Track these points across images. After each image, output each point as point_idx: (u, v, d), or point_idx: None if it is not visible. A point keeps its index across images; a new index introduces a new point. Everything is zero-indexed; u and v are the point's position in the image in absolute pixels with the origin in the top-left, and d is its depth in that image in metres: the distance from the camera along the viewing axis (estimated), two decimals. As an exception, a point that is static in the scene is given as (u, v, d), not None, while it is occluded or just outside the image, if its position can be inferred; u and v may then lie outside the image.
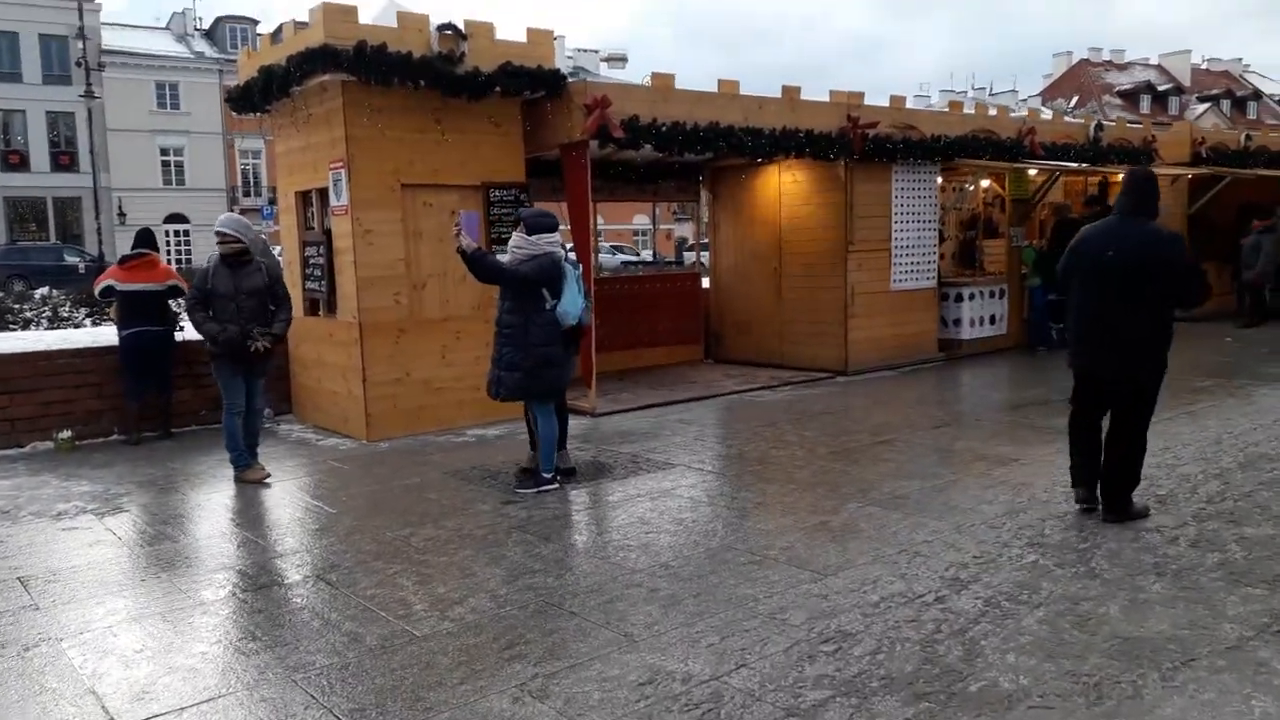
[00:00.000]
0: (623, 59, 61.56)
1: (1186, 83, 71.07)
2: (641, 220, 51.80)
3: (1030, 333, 12.30)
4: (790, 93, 10.21)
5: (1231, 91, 70.71)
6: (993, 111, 12.54)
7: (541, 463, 6.24)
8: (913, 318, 11.34)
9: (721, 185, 12.25)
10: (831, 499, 5.74)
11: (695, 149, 9.29)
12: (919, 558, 4.62)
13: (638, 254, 44.57)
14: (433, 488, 6.38)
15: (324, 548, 5.17)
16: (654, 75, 9.28)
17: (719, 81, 9.74)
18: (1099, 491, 5.13)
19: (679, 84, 9.38)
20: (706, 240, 13.03)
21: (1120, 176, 13.65)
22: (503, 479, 6.52)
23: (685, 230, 54.68)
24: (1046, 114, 14.35)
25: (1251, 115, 68.25)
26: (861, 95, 10.86)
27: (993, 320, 12.17)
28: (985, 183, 12.83)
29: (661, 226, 48.56)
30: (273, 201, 29.14)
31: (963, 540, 4.86)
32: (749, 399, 9.57)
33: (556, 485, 6.21)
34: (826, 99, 10.62)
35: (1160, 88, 68.35)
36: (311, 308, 8.79)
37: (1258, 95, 73.49)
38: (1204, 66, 74.94)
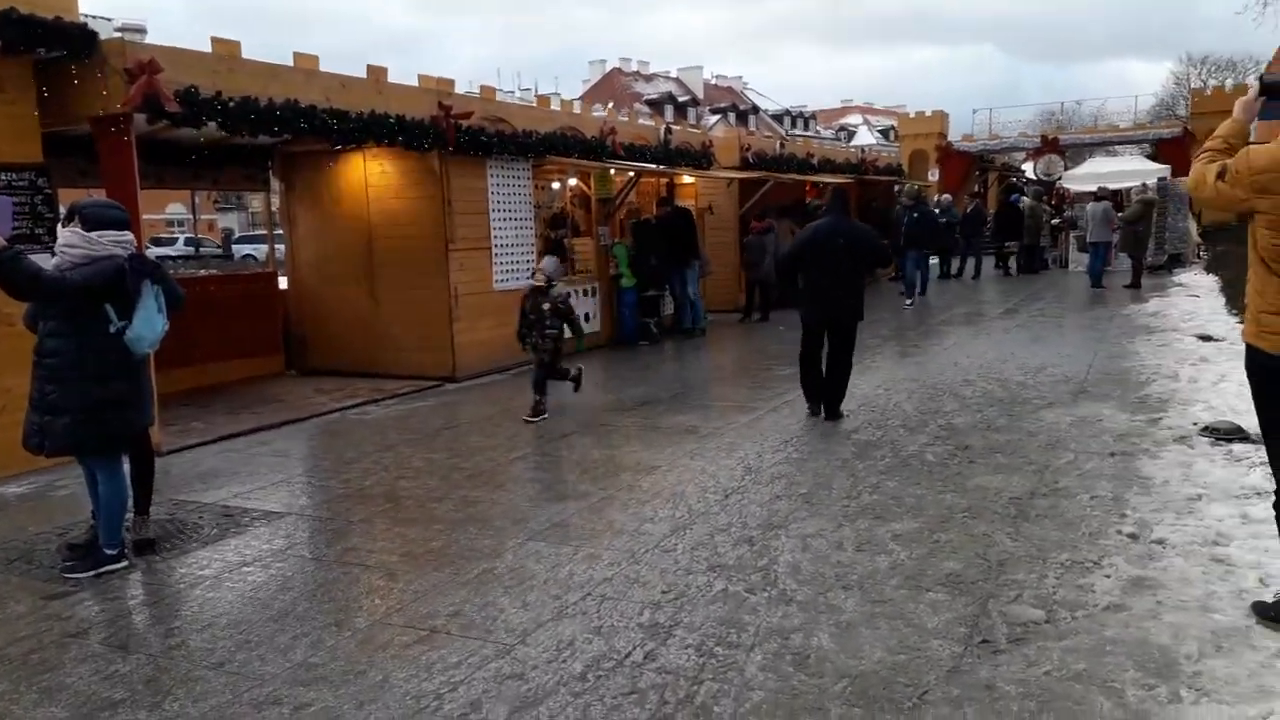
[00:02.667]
0: (140, 30, 54.13)
1: (701, 95, 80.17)
2: (177, 209, 46.04)
3: (624, 330, 12.53)
4: (377, 73, 9.20)
5: (736, 105, 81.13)
6: (577, 109, 12.55)
7: (103, 535, 4.73)
8: (515, 319, 10.91)
9: (296, 173, 10.80)
10: (488, 537, 5.02)
11: (271, 130, 7.93)
12: (608, 602, 4.10)
13: (198, 246, 39.20)
14: (-70, 588, 4.55)
15: None
16: (215, 40, 7.73)
17: (295, 55, 8.44)
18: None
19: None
20: (281, 233, 11.43)
21: (686, 178, 14.68)
22: (41, 560, 4.87)
23: (231, 220, 49.68)
24: (624, 117, 14.75)
25: (752, 127, 78.94)
26: (452, 83, 10.18)
27: (587, 319, 12.19)
28: (573, 181, 12.84)
29: (202, 216, 43.52)
30: None
31: (644, 572, 4.43)
32: (353, 417, 8.45)
33: (125, 564, 4.75)
34: (414, 82, 9.76)
35: (680, 99, 76.26)
36: None
37: (755, 110, 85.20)
38: (713, 82, 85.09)
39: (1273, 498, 4.87)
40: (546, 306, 8.12)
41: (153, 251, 34.70)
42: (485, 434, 7.58)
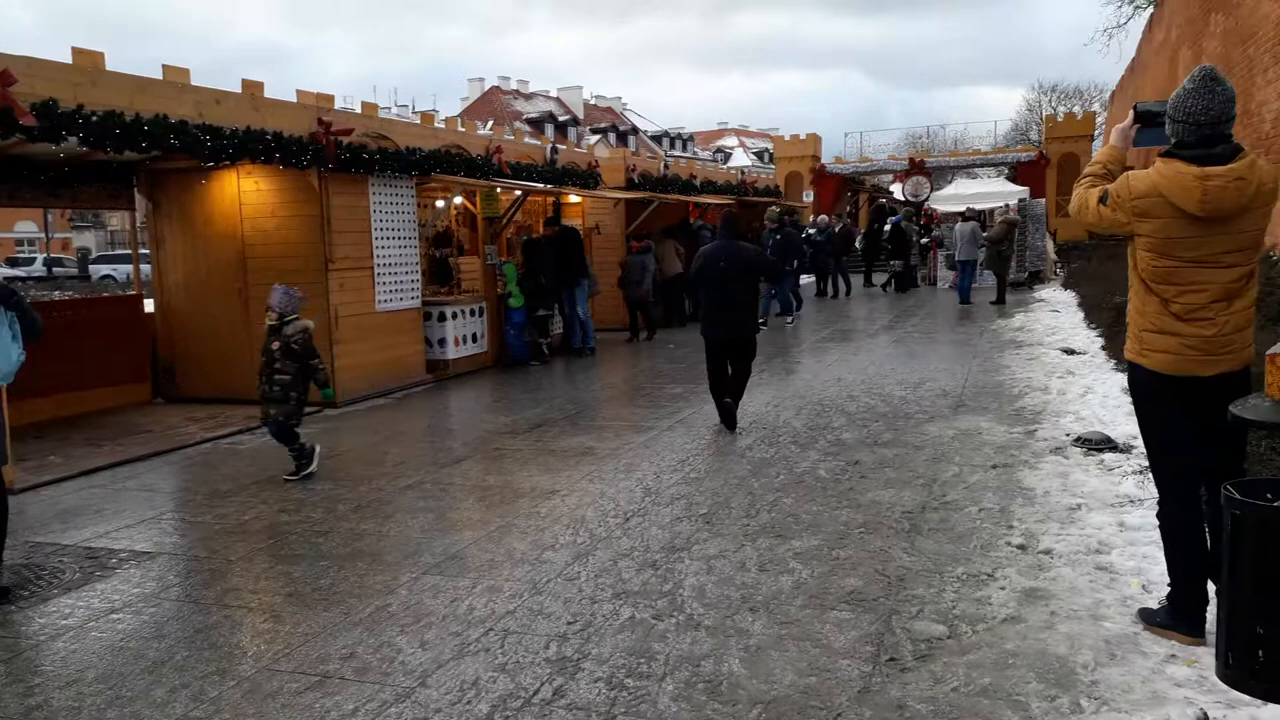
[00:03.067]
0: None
1: (581, 115, 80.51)
2: (27, 227, 43.16)
3: (512, 350, 12.34)
4: (252, 88, 8.82)
5: (616, 126, 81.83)
6: (462, 127, 12.34)
7: (-53, 587, 4.30)
8: (400, 340, 10.63)
9: (163, 191, 10.23)
10: (379, 572, 4.81)
11: (139, 146, 7.46)
12: (511, 636, 3.97)
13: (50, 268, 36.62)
14: None
15: None
16: (76, 51, 7.25)
17: (164, 68, 8.00)
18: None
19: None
20: (146, 253, 10.78)
21: (573, 197, 14.64)
22: (-124, 618, 4.39)
23: (88, 239, 46.85)
24: (509, 135, 14.61)
25: (632, 148, 79.70)
26: (332, 98, 9.86)
27: (475, 339, 11.99)
28: (458, 200, 12.61)
29: (56, 235, 40.94)
30: None
31: (547, 603, 4.32)
32: (227, 447, 8.00)
33: (-24, 616, 4.33)
34: (293, 98, 9.40)
35: (560, 118, 76.40)
36: None
37: (635, 130, 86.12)
38: (593, 101, 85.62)
39: (1144, 505, 5.16)
40: (276, 346, 6.69)
41: (3, 273, 32.44)
42: (370, 462, 7.30)
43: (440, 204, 12.89)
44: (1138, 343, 3.58)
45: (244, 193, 9.85)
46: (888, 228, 23.10)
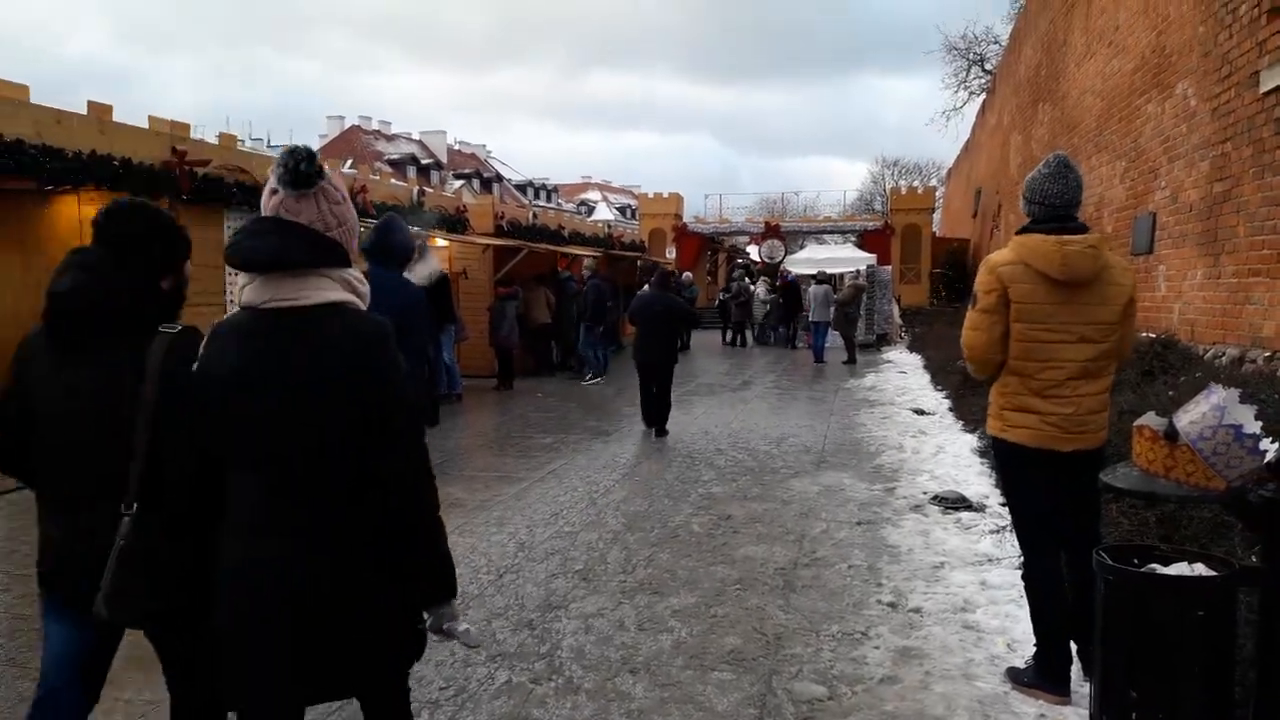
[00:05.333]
0: None
1: (444, 159, 79.80)
2: None
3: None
4: (100, 111, 8.30)
5: (480, 172, 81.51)
6: (326, 165, 11.94)
7: None
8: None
9: (-8, 213, 9.39)
10: (231, 636, 4.44)
11: (-34, 164, 6.86)
12: (380, 705, 3.72)
13: None
14: None
15: None
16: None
17: None
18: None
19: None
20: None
21: (440, 241, 14.39)
22: None
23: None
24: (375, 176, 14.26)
25: (497, 195, 79.56)
26: (188, 127, 9.38)
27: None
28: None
29: None
30: None
31: (418, 667, 4.08)
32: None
33: None
34: (145, 124, 8.89)
35: (423, 161, 75.43)
36: None
37: (499, 179, 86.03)
38: (457, 147, 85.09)
39: (1002, 564, 5.39)
40: None
41: None
42: (220, 513, 6.82)
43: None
44: (999, 420, 3.74)
45: (85, 221, 9.15)
46: (755, 288, 24.03)
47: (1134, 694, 2.71)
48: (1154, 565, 2.79)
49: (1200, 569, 2.71)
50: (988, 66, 36.05)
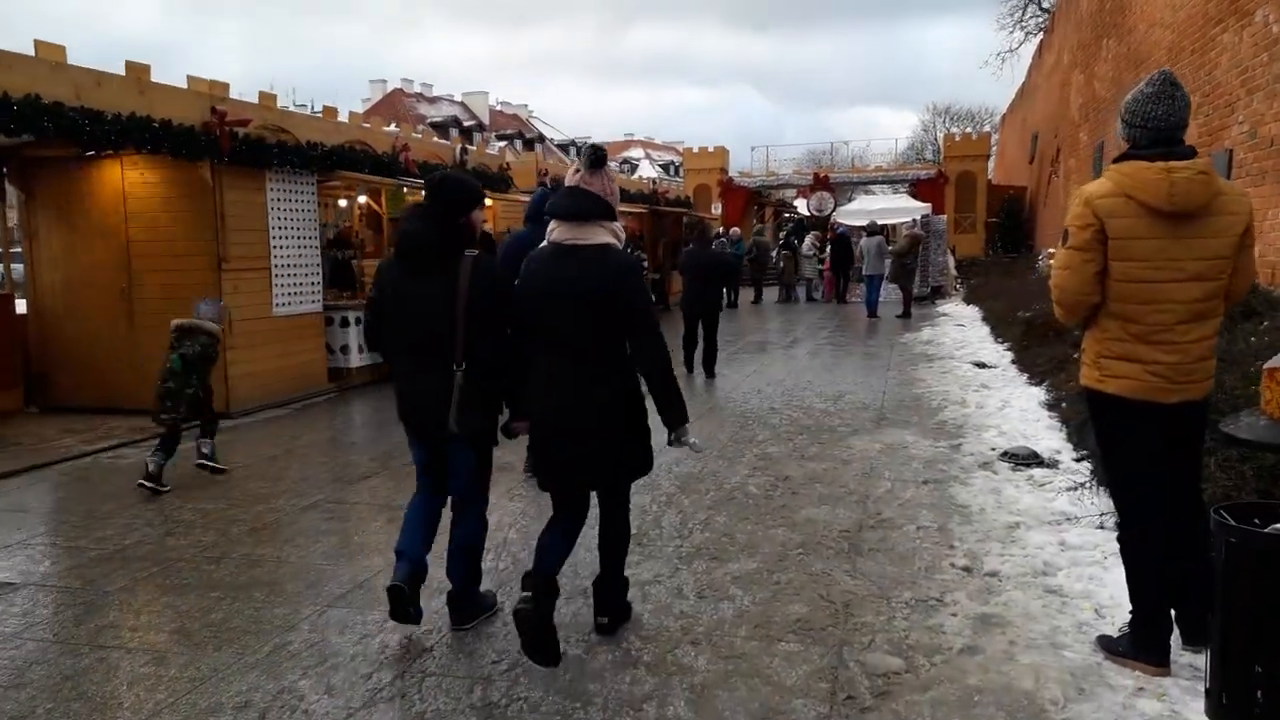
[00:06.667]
0: None
1: (486, 120, 79.37)
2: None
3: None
4: (138, 71, 8.15)
5: (522, 133, 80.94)
6: (367, 124, 11.76)
7: None
8: (300, 346, 10.00)
9: (39, 181, 9.38)
10: (279, 604, 4.32)
11: (7, 128, 6.75)
12: (430, 679, 3.56)
13: None
14: None
15: None
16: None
17: (36, 43, 7.28)
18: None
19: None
20: (19, 250, 9.89)
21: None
22: None
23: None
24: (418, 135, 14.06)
25: (539, 154, 78.92)
26: (226, 86, 9.20)
27: (379, 345, 11.41)
28: (363, 199, 12.02)
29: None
30: None
31: (470, 639, 3.93)
32: (108, 462, 7.31)
33: None
34: (183, 84, 8.73)
35: (466, 123, 75.10)
36: None
37: (542, 139, 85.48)
38: (499, 108, 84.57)
39: (1081, 523, 5.07)
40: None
41: None
42: (268, 479, 6.73)
43: (343, 203, 12.28)
44: (1096, 369, 3.42)
45: (129, 184, 9.10)
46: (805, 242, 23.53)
47: (1259, 668, 2.42)
48: (1277, 525, 2.48)
49: (1339, 532, 2.40)
50: (1045, 4, 34.65)
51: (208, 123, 8.59)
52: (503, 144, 71.84)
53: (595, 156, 3.60)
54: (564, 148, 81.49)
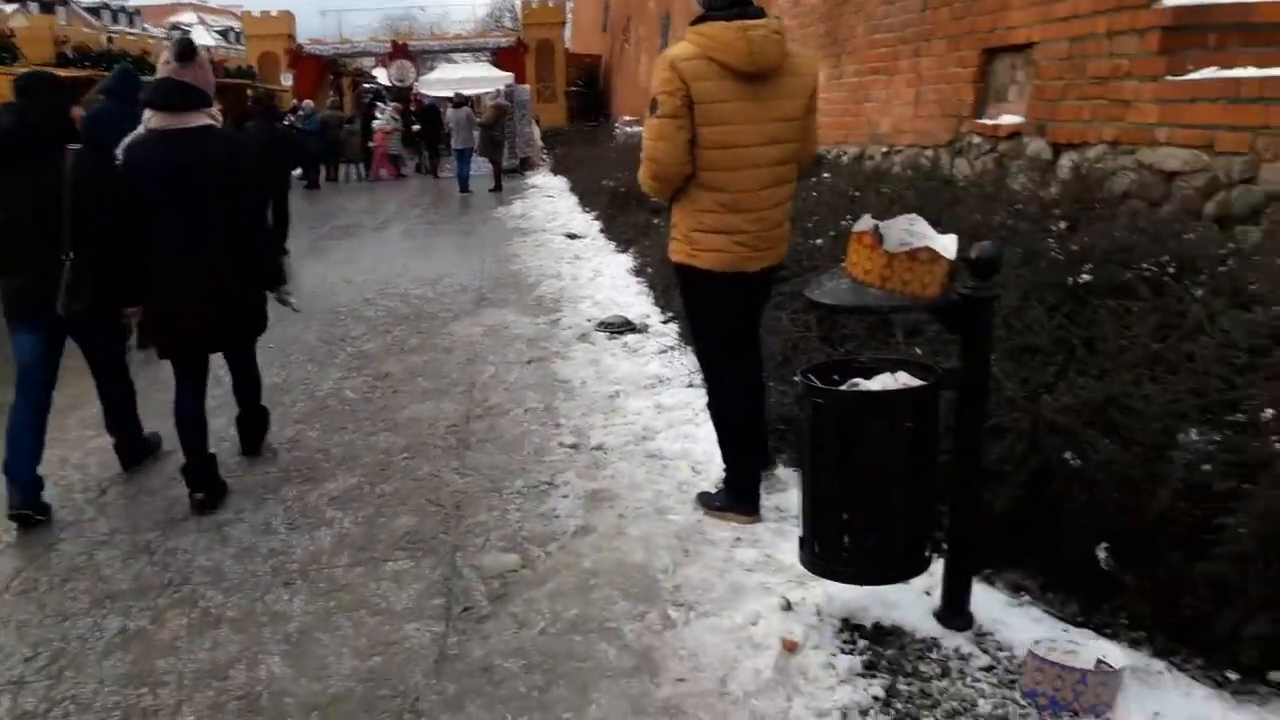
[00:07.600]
0: None
1: (-18, -23, 64.89)
2: None
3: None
4: None
5: (34, -8, 67.32)
6: None
7: None
8: None
9: None
10: None
11: None
12: (-66, 701, 2.77)
13: None
14: None
15: None
16: None
17: None
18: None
19: None
20: None
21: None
22: None
23: None
24: None
25: (62, 20, 66.36)
26: None
27: None
28: None
29: None
30: None
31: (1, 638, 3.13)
32: None
33: None
34: None
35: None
36: None
37: (65, 1, 71.77)
38: (-3, -39, 69.34)
39: (673, 384, 5.26)
40: None
41: None
42: None
43: None
44: (687, 243, 3.37)
45: None
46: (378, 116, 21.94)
47: (846, 515, 2.54)
48: (856, 380, 2.58)
49: (904, 377, 2.53)
50: None
51: None
52: (13, 6, 59.50)
53: (185, 49, 3.75)
54: (94, 11, 69.29)
